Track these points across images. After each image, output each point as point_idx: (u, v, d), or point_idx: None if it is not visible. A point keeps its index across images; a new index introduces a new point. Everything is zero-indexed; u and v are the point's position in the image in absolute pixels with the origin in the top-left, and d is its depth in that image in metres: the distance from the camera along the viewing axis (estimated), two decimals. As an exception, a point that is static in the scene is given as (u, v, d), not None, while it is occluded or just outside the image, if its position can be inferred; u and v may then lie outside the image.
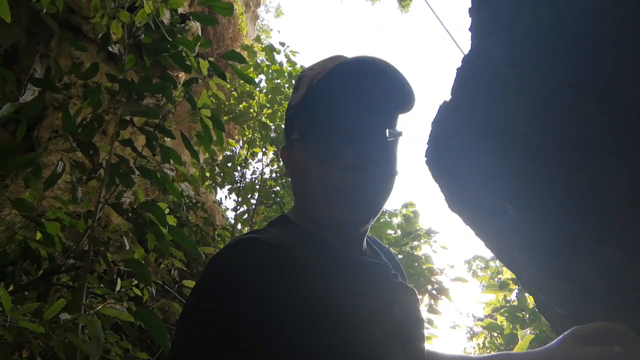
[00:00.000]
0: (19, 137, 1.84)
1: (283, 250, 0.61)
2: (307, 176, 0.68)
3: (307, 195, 0.70)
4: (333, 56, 0.74)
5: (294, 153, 0.72)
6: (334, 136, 0.65)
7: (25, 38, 5.33)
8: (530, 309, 3.11)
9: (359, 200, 0.65)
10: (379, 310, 0.63)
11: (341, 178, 0.64)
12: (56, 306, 1.15)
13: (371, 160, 0.66)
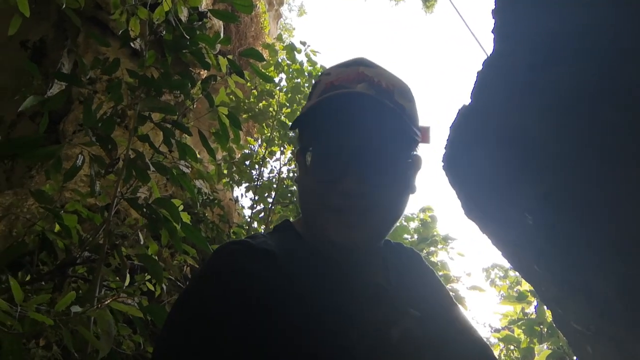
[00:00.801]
0: (41, 130, 1.89)
1: (271, 257, 0.60)
2: (307, 191, 0.67)
3: (307, 210, 0.68)
4: (351, 61, 0.71)
5: (300, 162, 0.70)
6: (337, 159, 0.62)
7: (54, 33, 5.50)
8: (549, 323, 3.01)
9: (355, 226, 0.62)
10: (372, 332, 0.60)
11: (339, 201, 0.62)
12: (67, 298, 1.17)
13: (376, 185, 0.63)
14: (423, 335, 0.65)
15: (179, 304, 0.57)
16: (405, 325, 0.65)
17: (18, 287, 1.06)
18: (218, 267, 0.58)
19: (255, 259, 0.59)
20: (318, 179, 0.64)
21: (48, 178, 1.88)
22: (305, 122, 0.66)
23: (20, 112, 5.23)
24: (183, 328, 0.52)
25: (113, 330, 1.32)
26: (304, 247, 0.68)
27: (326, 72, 0.72)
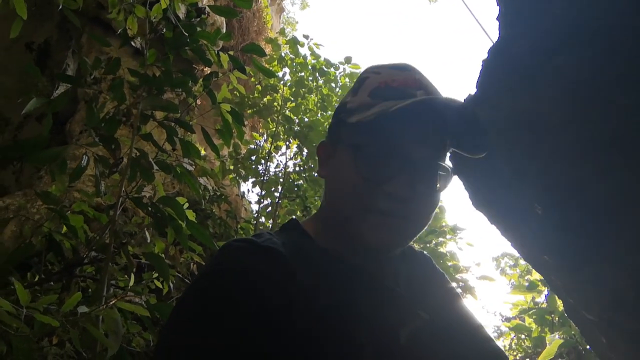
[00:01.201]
0: (45, 131, 1.90)
1: (276, 256, 0.59)
2: (348, 188, 0.65)
3: (339, 206, 0.67)
4: (400, 64, 0.71)
5: (338, 158, 0.68)
6: (391, 160, 0.63)
7: (58, 34, 5.52)
8: (560, 312, 2.98)
9: (394, 229, 0.63)
10: (380, 333, 0.59)
11: (385, 203, 0.62)
12: (73, 299, 1.18)
13: (420, 192, 0.64)
14: (432, 338, 0.65)
15: (183, 302, 0.56)
16: (414, 326, 0.64)
17: (22, 290, 1.07)
18: (223, 265, 0.58)
19: (260, 257, 0.58)
20: (365, 177, 0.63)
21: (54, 179, 1.89)
22: (356, 120, 0.65)
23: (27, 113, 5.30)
24: (187, 327, 0.51)
25: (121, 328, 1.33)
26: (312, 247, 0.67)
27: (373, 70, 0.72)
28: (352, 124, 0.65)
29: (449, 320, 0.71)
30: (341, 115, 0.70)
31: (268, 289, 0.55)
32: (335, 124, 0.72)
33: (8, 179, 4.91)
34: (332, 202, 0.69)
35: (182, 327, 0.52)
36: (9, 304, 1.03)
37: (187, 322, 0.52)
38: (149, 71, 2.04)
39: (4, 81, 5.90)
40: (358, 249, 0.66)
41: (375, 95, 0.66)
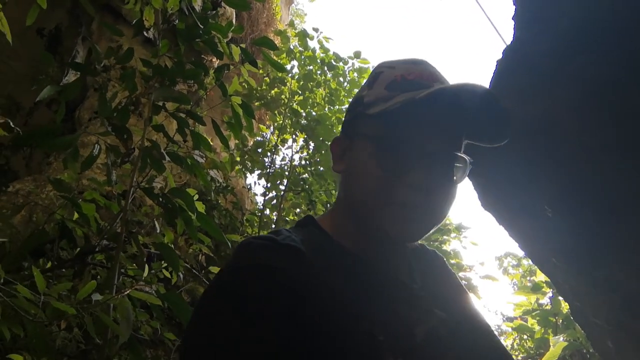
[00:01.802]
0: (58, 119, 1.91)
1: (295, 253, 0.60)
2: (367, 181, 0.65)
3: (359, 199, 0.66)
4: (412, 59, 0.71)
5: (356, 151, 0.68)
6: (410, 152, 0.63)
7: (69, 20, 5.53)
8: (564, 314, 2.97)
9: (415, 220, 0.63)
10: (396, 330, 0.60)
11: (407, 194, 0.62)
12: (88, 287, 1.20)
13: (441, 185, 0.64)
14: (447, 336, 0.65)
15: (208, 300, 0.56)
16: (431, 324, 0.64)
17: (41, 277, 1.08)
18: (247, 261, 0.58)
19: (281, 255, 0.59)
20: (385, 169, 0.63)
21: (66, 167, 1.91)
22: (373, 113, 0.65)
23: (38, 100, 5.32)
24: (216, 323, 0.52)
25: (131, 316, 1.35)
26: (329, 243, 0.67)
27: (387, 65, 0.71)
28: (373, 115, 0.65)
29: (461, 319, 0.71)
30: (358, 108, 0.69)
31: (290, 286, 0.55)
32: (352, 117, 0.72)
33: (18, 165, 4.95)
34: (351, 196, 0.68)
35: (212, 324, 0.53)
36: (28, 291, 1.04)
37: (210, 318, 0.53)
38: (161, 62, 2.04)
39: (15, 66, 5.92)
40: (376, 242, 0.66)
41: (392, 88, 0.66)
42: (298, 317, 0.53)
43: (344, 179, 0.71)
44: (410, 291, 0.68)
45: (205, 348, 0.51)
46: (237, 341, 0.50)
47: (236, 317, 0.51)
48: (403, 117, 0.62)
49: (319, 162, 5.73)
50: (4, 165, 4.73)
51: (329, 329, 0.55)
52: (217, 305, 0.54)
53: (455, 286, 0.80)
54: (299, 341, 0.52)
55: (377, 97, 0.66)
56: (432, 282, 0.74)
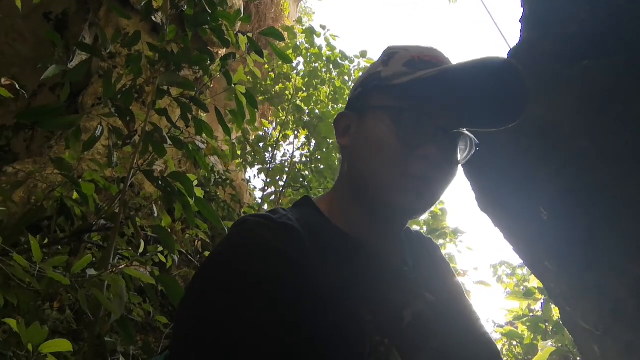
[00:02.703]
0: (62, 99, 1.92)
1: (291, 232, 0.60)
2: (382, 152, 0.65)
3: (370, 170, 0.66)
4: (425, 45, 0.72)
5: (369, 124, 0.68)
6: (429, 126, 0.64)
7: (76, 5, 5.53)
8: (554, 321, 2.99)
9: (424, 194, 0.64)
10: (385, 312, 0.60)
11: (421, 166, 0.63)
12: (83, 261, 1.21)
13: (449, 162, 0.65)
14: (435, 319, 0.65)
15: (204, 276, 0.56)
16: (419, 307, 0.65)
17: (38, 247, 1.09)
18: (243, 239, 0.58)
19: (277, 233, 0.59)
20: (403, 141, 0.63)
21: (68, 147, 1.92)
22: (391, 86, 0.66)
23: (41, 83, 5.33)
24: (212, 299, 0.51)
25: (125, 295, 1.36)
26: (324, 224, 0.68)
27: (399, 47, 0.72)
28: (397, 85, 0.65)
29: (449, 303, 0.72)
30: (374, 82, 0.69)
31: (284, 265, 0.55)
32: (365, 91, 0.72)
33: (19, 146, 4.96)
34: (360, 168, 0.68)
35: (208, 300, 0.52)
36: (24, 260, 1.05)
37: (208, 295, 0.53)
38: (168, 47, 2.05)
39: (21, 50, 5.93)
40: (376, 219, 0.67)
41: (410, 65, 0.67)
42: (291, 296, 0.53)
43: (351, 152, 0.71)
44: (401, 274, 0.69)
45: (198, 325, 0.50)
46: (229, 319, 0.49)
47: (230, 295, 0.51)
48: (424, 90, 0.63)
49: (320, 159, 5.74)
50: (5, 147, 4.73)
51: (318, 309, 0.55)
52: (211, 283, 0.54)
53: (447, 273, 0.81)
54: (290, 319, 0.52)
55: (395, 72, 0.67)
56: (424, 266, 0.75)
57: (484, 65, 0.61)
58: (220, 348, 0.48)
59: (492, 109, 0.67)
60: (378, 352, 0.57)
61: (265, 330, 0.50)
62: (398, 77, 0.66)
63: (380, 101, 0.68)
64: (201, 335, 0.49)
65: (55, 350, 0.94)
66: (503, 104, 0.66)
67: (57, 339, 0.95)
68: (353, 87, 0.77)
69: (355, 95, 0.74)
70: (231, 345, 0.48)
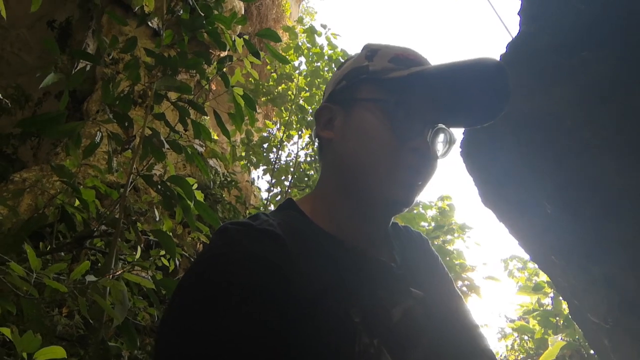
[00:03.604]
0: (61, 106, 1.93)
1: (272, 238, 0.59)
2: (374, 144, 0.65)
3: (361, 163, 0.66)
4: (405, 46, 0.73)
5: (358, 117, 0.68)
6: (420, 120, 0.65)
7: (79, 13, 5.59)
8: (565, 315, 2.94)
9: (414, 186, 0.66)
10: (373, 311, 0.59)
11: (412, 157, 0.64)
12: (82, 267, 1.21)
13: (435, 156, 0.67)
14: (424, 316, 0.65)
15: (184, 288, 0.56)
16: (408, 304, 0.64)
17: (34, 255, 1.10)
18: (222, 249, 0.57)
19: (258, 240, 0.58)
20: (397, 134, 0.64)
21: (68, 154, 1.93)
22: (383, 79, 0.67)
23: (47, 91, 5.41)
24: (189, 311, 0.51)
25: (127, 300, 1.36)
26: (308, 226, 0.67)
27: (380, 45, 0.73)
28: (388, 80, 0.66)
29: (438, 298, 0.71)
30: (362, 76, 0.69)
31: (267, 273, 0.54)
32: (351, 84, 0.71)
33: (26, 154, 5.03)
34: (349, 162, 0.67)
35: (187, 313, 0.52)
36: (21, 269, 1.06)
37: (189, 307, 0.52)
38: (166, 53, 2.06)
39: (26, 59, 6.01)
40: (363, 215, 0.67)
41: (396, 62, 0.68)
42: (276, 303, 0.53)
43: (337, 145, 0.70)
44: (389, 270, 0.68)
45: (179, 337, 0.49)
46: (211, 331, 0.49)
47: (210, 307, 0.50)
48: (418, 85, 0.65)
49: (324, 158, 5.71)
50: (12, 155, 4.80)
51: (305, 313, 0.54)
52: (192, 294, 0.53)
53: (436, 268, 0.80)
54: (276, 327, 0.51)
55: (384, 67, 0.68)
56: (413, 263, 0.74)
57: (476, 65, 0.63)
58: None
59: (476, 107, 0.69)
60: (368, 354, 0.56)
61: (246, 339, 0.49)
62: (388, 72, 0.67)
63: (371, 94, 0.68)
64: (181, 351, 0.48)
65: (50, 357, 0.95)
66: (487, 104, 0.68)
67: (52, 346, 0.96)
68: (333, 81, 0.76)
69: (339, 88, 0.73)
70: (213, 357, 0.47)
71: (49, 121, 1.81)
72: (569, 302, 2.11)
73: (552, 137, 1.82)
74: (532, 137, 1.88)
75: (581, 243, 1.74)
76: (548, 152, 1.85)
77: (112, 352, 1.40)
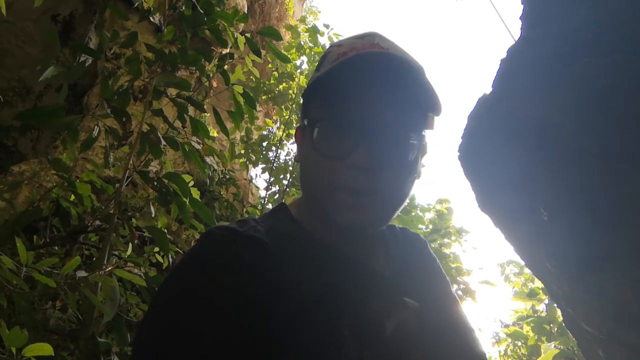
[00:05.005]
0: (60, 99, 1.93)
1: (258, 245, 0.57)
2: (313, 168, 0.62)
3: (310, 189, 0.64)
4: (365, 33, 0.67)
5: (304, 139, 0.65)
6: (348, 131, 0.58)
7: (83, 7, 5.59)
8: (559, 322, 2.94)
9: (363, 205, 0.59)
10: (364, 323, 0.57)
11: (350, 176, 0.58)
12: (72, 263, 1.21)
13: (386, 162, 0.59)
14: (418, 328, 0.62)
15: (161, 291, 0.55)
16: (401, 317, 0.62)
17: (23, 248, 1.10)
18: (203, 255, 0.56)
19: (242, 247, 0.56)
20: (326, 155, 0.59)
21: (65, 147, 1.93)
22: (313, 94, 0.63)
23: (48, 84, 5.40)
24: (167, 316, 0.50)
25: (118, 296, 1.36)
26: (299, 231, 0.65)
27: (337, 43, 0.68)
28: (307, 94, 0.62)
29: (437, 310, 0.69)
30: (304, 93, 0.65)
31: (249, 280, 0.53)
32: (303, 105, 0.68)
33: (26, 147, 5.02)
34: (302, 185, 0.67)
35: (160, 314, 0.51)
36: (11, 261, 1.06)
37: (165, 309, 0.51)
38: (167, 49, 2.05)
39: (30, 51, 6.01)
40: (336, 230, 0.63)
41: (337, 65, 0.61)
42: (255, 313, 0.51)
43: (300, 169, 0.69)
44: (381, 280, 0.66)
45: (152, 338, 0.49)
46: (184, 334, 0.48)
47: (187, 310, 0.49)
48: (330, 100, 0.59)
49: (324, 159, 5.70)
50: (12, 147, 4.80)
51: (291, 324, 0.53)
52: (170, 297, 0.53)
53: (434, 271, 0.78)
54: (255, 335, 0.50)
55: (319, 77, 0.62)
56: (409, 268, 0.72)
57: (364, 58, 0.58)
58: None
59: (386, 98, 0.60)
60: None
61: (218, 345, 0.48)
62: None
63: (307, 114, 0.65)
64: (152, 351, 0.48)
65: (37, 354, 0.94)
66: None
67: (39, 343, 0.95)
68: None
69: (302, 105, 0.71)
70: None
71: (48, 114, 1.81)
72: (563, 310, 2.10)
73: (550, 144, 1.81)
74: (529, 144, 1.87)
75: (576, 251, 1.73)
76: (545, 159, 1.84)
77: (102, 348, 1.40)
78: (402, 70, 0.58)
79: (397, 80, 0.58)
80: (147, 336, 0.50)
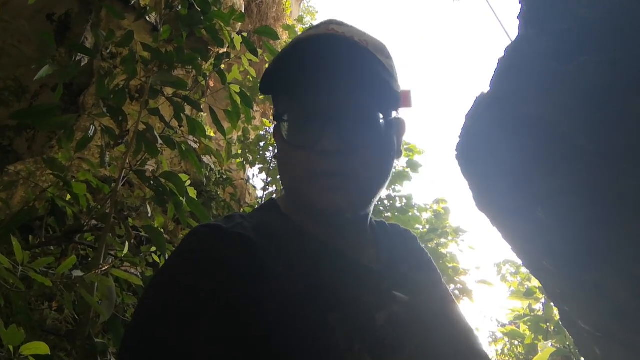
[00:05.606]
0: (55, 99, 1.92)
1: (244, 242, 0.57)
2: (287, 161, 0.63)
3: (288, 182, 0.65)
4: (323, 22, 0.67)
5: (276, 133, 0.65)
6: (312, 120, 0.59)
7: (79, 6, 5.56)
8: (556, 321, 2.95)
9: (340, 187, 0.59)
10: (355, 316, 0.57)
11: (322, 161, 0.58)
12: (68, 262, 1.20)
13: (357, 144, 0.59)
14: (409, 321, 0.63)
15: (149, 287, 0.55)
16: (392, 309, 0.62)
17: (19, 247, 1.09)
18: (189, 253, 0.56)
19: (227, 244, 0.56)
20: (296, 145, 0.61)
21: (61, 147, 1.92)
22: (268, 89, 0.63)
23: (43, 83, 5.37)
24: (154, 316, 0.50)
25: (114, 296, 1.35)
26: (287, 226, 0.65)
27: (296, 38, 0.67)
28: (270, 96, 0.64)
29: (428, 303, 0.69)
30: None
31: (235, 278, 0.53)
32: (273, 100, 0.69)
33: (21, 146, 4.99)
34: (281, 179, 0.67)
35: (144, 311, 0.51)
36: (7, 260, 1.05)
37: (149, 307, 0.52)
38: (164, 48, 2.04)
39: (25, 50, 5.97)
40: (320, 220, 0.64)
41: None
42: (241, 310, 0.51)
43: (277, 163, 0.69)
44: (371, 273, 0.65)
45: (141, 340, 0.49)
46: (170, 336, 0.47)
47: (170, 308, 0.49)
48: (288, 92, 0.60)
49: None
50: (7, 146, 4.77)
51: (280, 319, 0.53)
52: (155, 295, 0.53)
53: (425, 266, 0.78)
54: (243, 333, 0.50)
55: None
56: (399, 263, 0.72)
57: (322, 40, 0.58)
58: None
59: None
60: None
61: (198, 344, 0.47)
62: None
63: (274, 111, 0.66)
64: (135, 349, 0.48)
65: (34, 353, 0.94)
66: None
67: (36, 342, 0.95)
68: None
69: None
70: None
71: (43, 113, 1.80)
72: (560, 309, 2.11)
73: (547, 142, 1.82)
74: (527, 142, 1.88)
75: (573, 250, 1.74)
76: (542, 157, 1.85)
77: (98, 348, 1.39)
78: (356, 50, 0.58)
79: (353, 60, 0.58)
80: (132, 338, 0.50)
